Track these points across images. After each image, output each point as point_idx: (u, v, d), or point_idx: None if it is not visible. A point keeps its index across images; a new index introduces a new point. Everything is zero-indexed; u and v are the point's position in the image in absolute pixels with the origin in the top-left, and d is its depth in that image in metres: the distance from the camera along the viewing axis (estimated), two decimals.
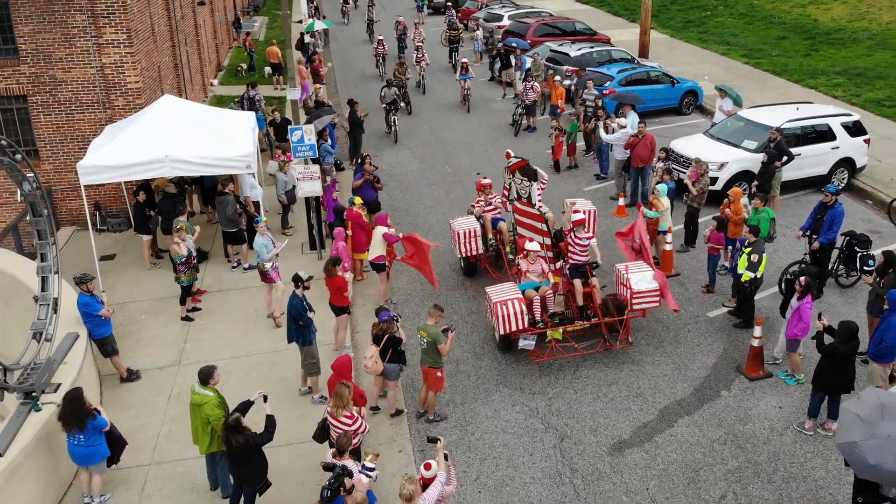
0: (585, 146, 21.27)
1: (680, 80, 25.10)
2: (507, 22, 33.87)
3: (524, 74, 25.18)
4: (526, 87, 23.40)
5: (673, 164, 17.17)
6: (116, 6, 16.64)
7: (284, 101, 25.18)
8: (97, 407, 9.58)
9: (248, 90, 22.40)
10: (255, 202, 16.22)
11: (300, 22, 36.45)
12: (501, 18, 34.54)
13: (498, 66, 28.58)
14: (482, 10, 38.39)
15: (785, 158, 16.50)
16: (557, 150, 20.24)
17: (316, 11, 39.73)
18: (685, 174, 16.58)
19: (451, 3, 41.48)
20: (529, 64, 25.57)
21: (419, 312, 13.89)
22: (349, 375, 9.90)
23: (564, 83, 24.04)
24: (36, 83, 16.91)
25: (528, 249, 12.88)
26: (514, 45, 28.44)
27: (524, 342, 12.17)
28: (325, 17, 40.07)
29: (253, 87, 22.57)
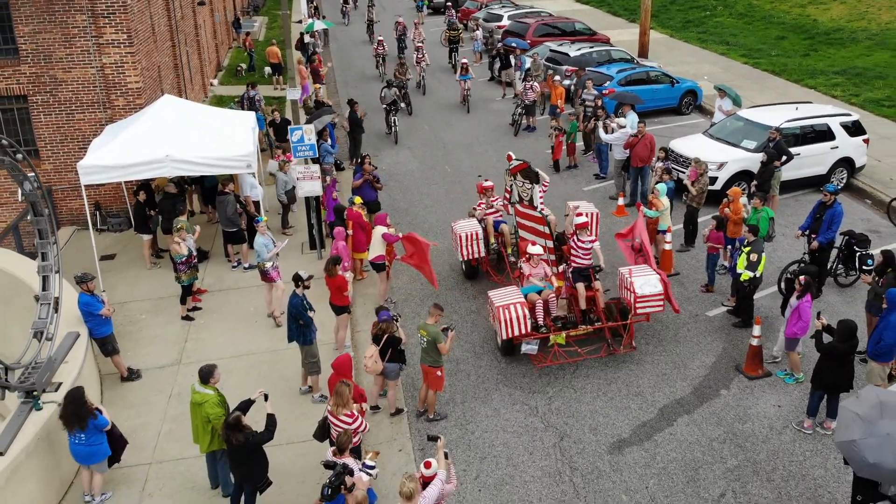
0: (584, 146, 21.30)
1: (679, 79, 25.11)
2: (506, 22, 33.89)
3: (524, 74, 25.21)
4: (525, 87, 23.42)
5: (672, 163, 17.21)
6: (117, 6, 16.67)
7: (284, 101, 25.21)
8: (98, 406, 9.60)
9: (247, 90, 22.43)
10: (255, 202, 16.25)
11: (300, 22, 36.47)
12: (501, 18, 34.56)
13: (497, 66, 28.60)
14: (482, 10, 38.39)
15: (784, 158, 16.54)
16: (557, 149, 20.26)
17: (316, 11, 39.74)
18: (684, 174, 16.61)
19: (450, 3, 41.50)
20: (529, 64, 25.58)
21: (419, 312, 13.91)
22: (349, 374, 9.93)
23: (564, 83, 24.05)
24: (36, 83, 16.94)
25: (530, 253, 12.74)
26: (513, 45, 28.45)
27: (527, 347, 12.05)
28: (324, 17, 40.07)
29: (253, 87, 22.61)
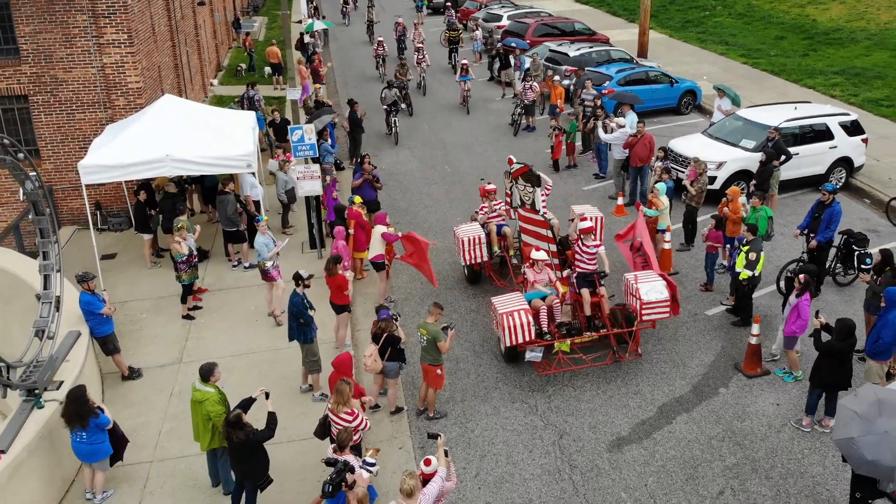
0: (581, 146, 21.29)
1: (678, 79, 25.15)
2: (506, 22, 33.92)
3: (523, 74, 25.24)
4: (525, 86, 23.45)
5: (671, 163, 17.25)
6: (117, 6, 16.70)
7: (284, 101, 25.24)
8: (100, 405, 9.63)
9: (247, 90, 22.48)
10: (255, 201, 16.28)
11: (300, 22, 36.50)
12: (500, 18, 34.59)
13: (497, 66, 28.64)
14: (481, 10, 38.43)
15: (783, 158, 16.59)
16: (557, 149, 20.29)
17: (315, 12, 39.77)
18: (684, 173, 16.65)
19: (449, 3, 41.54)
20: (528, 64, 25.60)
21: (419, 311, 13.94)
22: (350, 373, 9.96)
23: (563, 83, 24.09)
24: (37, 83, 16.98)
25: (534, 259, 12.54)
26: (513, 45, 28.48)
27: (531, 354, 11.84)
28: (324, 17, 40.10)
29: (252, 87, 22.66)
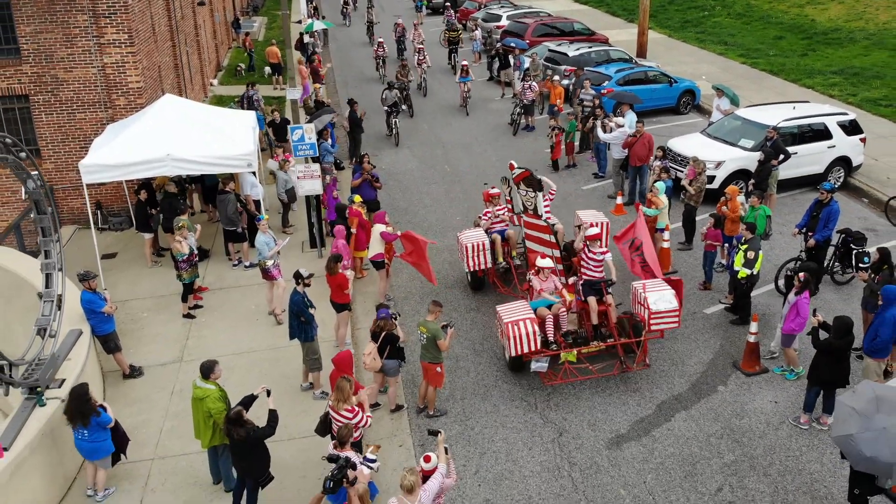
0: (579, 146, 21.31)
1: (678, 79, 25.20)
2: (505, 22, 33.98)
3: (522, 74, 25.28)
4: (524, 86, 23.49)
5: (670, 162, 17.31)
6: (118, 6, 16.75)
7: (284, 100, 25.28)
8: (103, 403, 9.68)
9: (247, 90, 22.53)
10: (255, 201, 16.32)
11: (299, 22, 36.54)
12: (500, 19, 34.65)
13: (496, 65, 28.67)
14: (481, 10, 38.48)
15: (781, 157, 16.65)
16: (556, 149, 20.33)
17: (315, 12, 39.80)
18: (682, 173, 16.70)
19: (449, 3, 41.59)
20: (528, 64, 25.63)
21: (419, 310, 13.99)
22: (350, 371, 10.01)
23: (563, 83, 24.13)
24: (38, 83, 17.02)
25: (539, 266, 12.30)
26: (512, 45, 28.53)
27: (536, 364, 11.60)
28: (324, 17, 40.13)
29: (252, 86, 22.71)
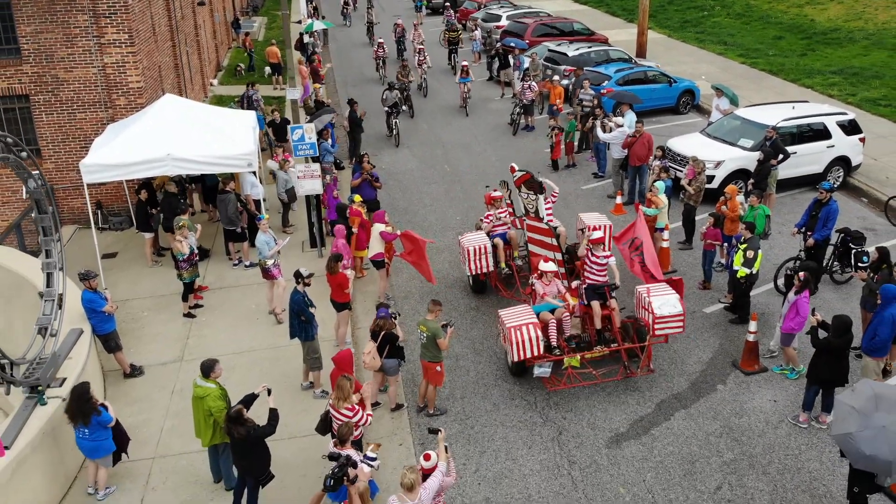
0: (578, 145, 21.32)
1: (677, 79, 25.22)
2: (505, 22, 34.01)
3: (522, 74, 25.31)
4: (523, 86, 23.50)
5: (669, 162, 17.34)
6: (118, 6, 16.78)
7: (284, 100, 25.31)
8: (104, 402, 9.71)
9: (247, 90, 22.57)
10: (255, 200, 16.35)
11: (299, 22, 36.57)
12: (500, 19, 34.68)
13: (496, 65, 28.69)
14: (480, 10, 38.51)
15: (780, 157, 16.68)
16: (556, 149, 20.36)
17: (315, 12, 39.83)
18: (682, 172, 16.73)
19: (448, 3, 41.60)
20: (528, 64, 25.64)
21: (418, 309, 14.02)
22: (350, 369, 10.03)
23: (563, 83, 24.15)
24: (38, 83, 17.05)
25: (542, 270, 12.18)
26: (512, 44, 28.55)
27: (539, 370, 11.49)
28: (324, 17, 40.16)
29: (252, 86, 22.74)
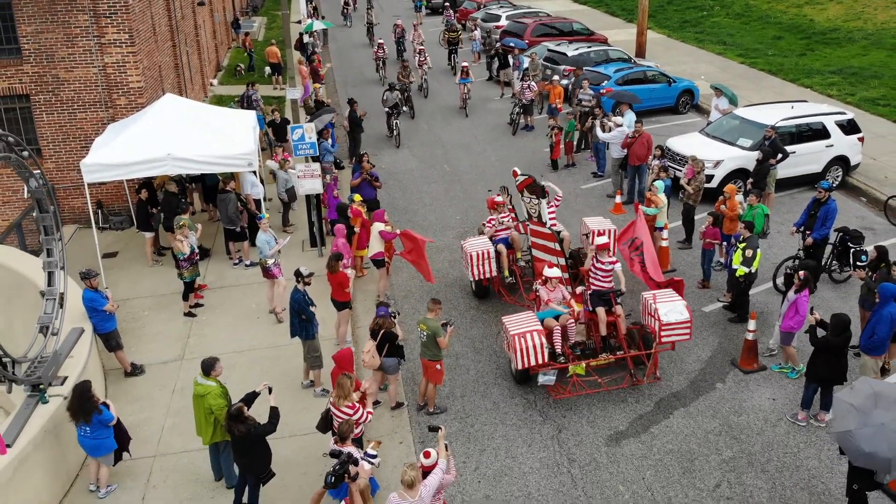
0: (576, 145, 21.33)
1: (676, 79, 25.25)
2: (504, 22, 34.05)
3: (521, 74, 25.33)
4: (523, 86, 23.53)
5: (669, 161, 17.37)
6: (118, 6, 16.81)
7: (284, 100, 25.34)
8: (105, 401, 9.74)
9: (247, 90, 22.60)
10: (256, 200, 16.38)
11: (299, 22, 36.59)
12: (499, 19, 34.72)
13: (496, 65, 28.72)
14: (480, 10, 38.54)
15: (779, 156, 16.73)
16: (556, 149, 20.39)
17: (315, 12, 39.86)
18: (681, 172, 16.77)
19: (448, 3, 41.63)
20: (527, 64, 25.67)
21: (418, 308, 14.05)
22: (350, 368, 10.06)
23: (562, 83, 24.18)
24: (39, 82, 17.08)
25: (547, 276, 12.02)
26: (511, 44, 28.57)
27: (544, 378, 11.36)
28: (323, 17, 40.18)
29: (252, 86, 22.77)
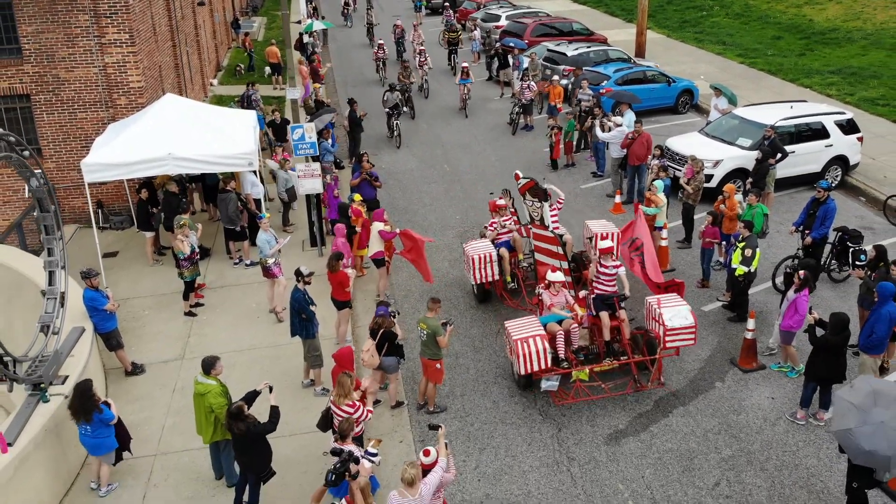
0: (575, 145, 21.35)
1: (676, 79, 25.28)
2: (504, 22, 34.09)
3: (521, 74, 25.36)
4: (522, 86, 23.56)
5: (668, 161, 17.39)
6: (119, 6, 16.84)
7: (284, 100, 25.36)
8: (107, 400, 9.76)
9: (247, 90, 22.63)
10: (256, 199, 16.40)
11: (299, 22, 36.62)
12: (499, 19, 34.77)
13: (496, 65, 28.74)
14: (480, 10, 38.57)
15: (779, 156, 16.75)
16: (556, 148, 20.42)
17: (315, 12, 39.88)
18: (681, 171, 16.79)
19: (448, 3, 41.64)
20: (527, 64, 25.69)
21: (418, 307, 14.08)
22: (350, 366, 10.09)
23: (562, 83, 24.20)
24: (39, 82, 17.11)
25: (550, 280, 11.92)
26: (511, 44, 28.60)
27: (547, 384, 11.21)
28: (323, 17, 40.21)
29: (252, 86, 22.80)
